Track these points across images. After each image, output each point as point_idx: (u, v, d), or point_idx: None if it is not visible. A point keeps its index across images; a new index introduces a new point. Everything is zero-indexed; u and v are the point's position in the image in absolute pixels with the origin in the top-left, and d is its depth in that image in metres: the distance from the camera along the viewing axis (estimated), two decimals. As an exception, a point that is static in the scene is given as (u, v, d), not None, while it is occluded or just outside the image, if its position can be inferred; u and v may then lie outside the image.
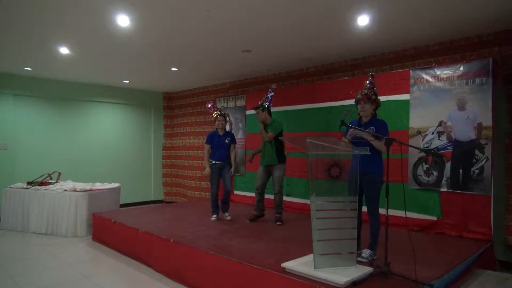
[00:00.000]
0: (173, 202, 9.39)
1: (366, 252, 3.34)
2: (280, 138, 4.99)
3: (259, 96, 7.06)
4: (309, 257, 3.09)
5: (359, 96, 3.46)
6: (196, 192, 8.86)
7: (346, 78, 5.87)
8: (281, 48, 5.43)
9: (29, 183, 6.65)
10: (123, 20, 4.26)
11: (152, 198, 9.51)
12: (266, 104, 5.23)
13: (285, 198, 6.33)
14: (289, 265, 3.05)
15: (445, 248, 3.96)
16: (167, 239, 4.23)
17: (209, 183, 5.68)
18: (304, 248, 3.51)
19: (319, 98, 5.96)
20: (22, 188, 6.53)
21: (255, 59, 6.08)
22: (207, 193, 8.46)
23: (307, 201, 5.92)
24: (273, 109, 5.77)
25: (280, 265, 3.09)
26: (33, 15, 4.15)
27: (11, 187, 6.63)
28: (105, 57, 6.05)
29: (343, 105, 5.37)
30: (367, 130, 3.36)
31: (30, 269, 4.50)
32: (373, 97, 3.42)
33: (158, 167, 9.70)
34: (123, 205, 7.47)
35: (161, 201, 9.59)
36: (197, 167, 8.85)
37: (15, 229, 6.42)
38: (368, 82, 3.47)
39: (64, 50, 5.55)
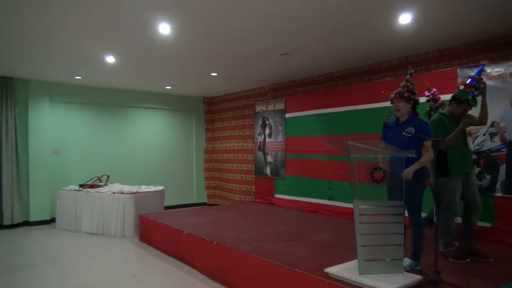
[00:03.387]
0: (215, 204, 9.56)
1: (406, 261, 3.12)
2: (321, 141, 4.92)
3: (298, 98, 7.07)
4: (353, 263, 3.03)
5: (392, 94, 3.34)
6: (236, 195, 8.96)
7: (388, 78, 5.71)
8: (319, 50, 5.38)
9: (81, 185, 7.04)
10: (164, 28, 4.41)
11: (195, 201, 9.73)
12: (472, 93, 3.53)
13: (327, 202, 6.28)
14: (333, 270, 3.00)
15: (501, 257, 3.71)
16: (210, 241, 4.31)
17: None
18: (347, 253, 3.44)
19: (359, 100, 5.84)
20: (75, 190, 6.92)
21: (293, 62, 6.07)
22: (248, 196, 8.53)
23: (349, 205, 5.81)
24: (310, 112, 5.66)
25: (322, 270, 3.05)
26: (84, 29, 4.41)
27: (65, 189, 7.05)
28: (148, 65, 6.29)
29: (384, 107, 5.23)
30: (406, 130, 3.20)
31: (83, 266, 4.76)
32: (406, 94, 3.24)
33: (200, 170, 9.91)
34: (167, 207, 7.70)
35: (204, 204, 9.79)
36: (238, 170, 8.95)
37: (69, 228, 6.82)
38: (405, 80, 3.32)
39: (110, 59, 5.83)
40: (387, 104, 3.29)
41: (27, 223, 7.27)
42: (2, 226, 6.98)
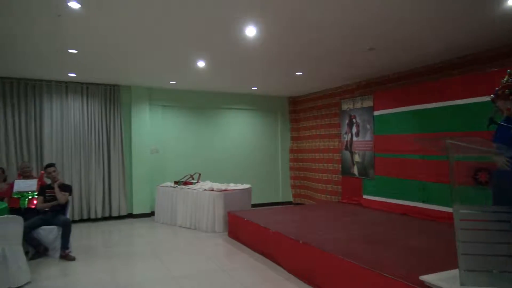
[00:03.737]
0: (301, 204, 9.55)
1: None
2: (414, 139, 4.59)
3: (388, 95, 6.71)
4: (452, 272, 2.77)
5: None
6: (322, 195, 8.83)
7: (493, 69, 5.10)
8: (412, 41, 5.02)
9: (175, 182, 7.59)
10: (250, 31, 4.53)
11: (281, 200, 9.83)
12: None
13: (421, 205, 5.86)
14: (430, 278, 2.78)
15: None
16: (296, 240, 4.32)
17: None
18: (442, 261, 3.17)
19: (457, 95, 5.32)
20: (170, 186, 7.49)
21: (382, 56, 5.77)
22: (334, 196, 8.36)
23: (445, 209, 5.35)
24: (401, 109, 5.23)
25: (415, 277, 2.85)
26: (178, 38, 4.74)
27: (162, 186, 7.67)
28: (235, 67, 6.52)
29: (486, 102, 4.69)
30: None
31: (178, 258, 5.12)
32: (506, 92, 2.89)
33: (286, 169, 9.99)
34: (254, 205, 7.91)
35: (289, 203, 9.84)
36: (324, 169, 8.82)
37: (165, 222, 7.40)
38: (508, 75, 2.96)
39: (201, 64, 6.18)
40: (483, 99, 2.96)
41: (131, 216, 8.08)
42: (111, 218, 7.87)
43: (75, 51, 5.35)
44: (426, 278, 2.80)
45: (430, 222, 5.39)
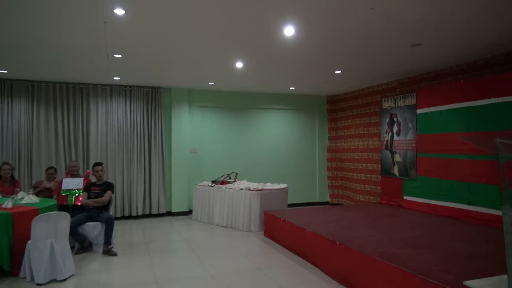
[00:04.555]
0: (339, 204, 9.37)
1: None
2: (461, 138, 4.36)
3: (432, 92, 6.42)
4: (500, 278, 2.59)
5: None
6: (361, 196, 8.61)
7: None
8: (458, 36, 4.76)
9: (213, 181, 7.69)
10: (288, 31, 4.49)
11: (318, 200, 9.70)
12: None
13: (467, 207, 5.57)
14: (475, 284, 2.62)
15: None
16: (333, 241, 4.23)
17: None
18: (490, 267, 3.01)
19: (509, 91, 4.98)
20: (208, 186, 7.60)
21: (426, 52, 5.51)
22: (372, 197, 8.12)
23: (494, 211, 5.03)
24: (446, 107, 4.97)
25: (460, 282, 2.69)
26: (217, 39, 4.80)
27: (200, 185, 7.81)
28: (273, 67, 6.50)
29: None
30: None
31: (214, 255, 5.19)
32: None
33: (323, 169, 9.84)
34: (290, 205, 7.85)
35: (326, 203, 9.69)
36: (362, 169, 8.60)
37: (202, 220, 7.53)
38: None
39: (239, 65, 6.22)
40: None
41: (169, 213, 8.29)
42: (151, 215, 8.11)
43: (119, 56, 5.58)
44: (471, 283, 2.64)
45: (477, 225, 5.10)
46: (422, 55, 5.64)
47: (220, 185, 7.42)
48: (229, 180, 7.71)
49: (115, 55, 5.53)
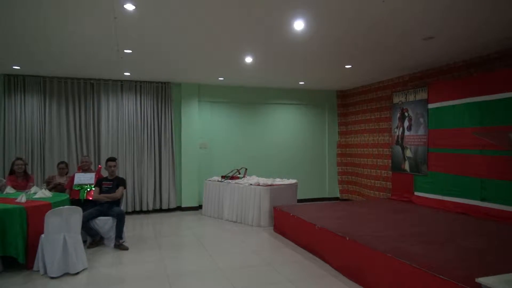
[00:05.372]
0: (348, 200, 9.33)
1: None
2: (474, 133, 4.30)
3: (444, 86, 6.33)
4: (514, 276, 2.56)
5: None
6: (371, 191, 8.56)
7: None
8: (472, 28, 4.67)
9: (222, 177, 7.71)
10: (298, 25, 4.46)
11: (327, 195, 9.67)
12: None
13: (480, 204, 5.50)
14: (488, 281, 2.59)
15: None
16: (343, 236, 4.21)
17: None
18: (503, 263, 2.97)
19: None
20: (218, 181, 7.63)
21: (439, 46, 5.43)
22: (382, 193, 8.06)
23: (507, 207, 4.96)
24: (459, 102, 4.96)
25: (472, 279, 2.66)
26: (227, 34, 4.78)
27: (210, 180, 7.84)
28: (283, 62, 6.47)
29: None
30: None
31: (224, 250, 5.21)
32: None
33: (333, 164, 9.79)
34: (300, 200, 7.84)
35: (336, 199, 9.66)
36: (373, 165, 8.54)
37: (212, 215, 7.56)
38: None
39: (248, 60, 6.20)
40: None
41: (179, 208, 8.35)
42: (161, 210, 8.18)
43: (130, 51, 5.60)
44: (483, 280, 2.61)
45: (489, 222, 5.04)
46: (434, 48, 5.55)
47: (230, 180, 7.43)
48: (239, 176, 7.72)
49: (125, 51, 5.56)
